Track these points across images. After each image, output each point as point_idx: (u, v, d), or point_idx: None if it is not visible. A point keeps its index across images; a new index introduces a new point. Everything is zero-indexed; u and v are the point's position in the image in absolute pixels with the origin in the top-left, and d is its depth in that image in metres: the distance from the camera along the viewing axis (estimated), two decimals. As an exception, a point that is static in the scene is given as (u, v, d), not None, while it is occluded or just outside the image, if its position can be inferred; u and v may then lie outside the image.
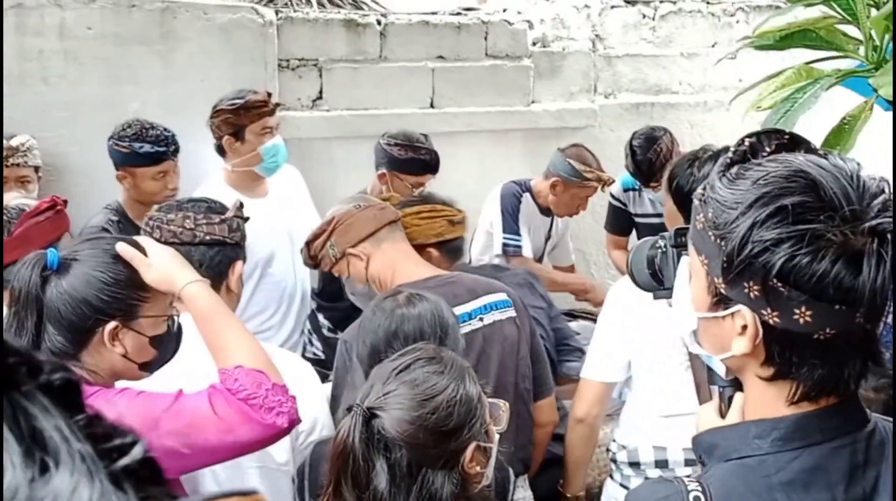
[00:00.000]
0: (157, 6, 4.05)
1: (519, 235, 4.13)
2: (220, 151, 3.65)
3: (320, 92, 4.52)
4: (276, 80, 4.31)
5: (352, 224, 2.57)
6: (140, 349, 1.83)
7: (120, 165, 3.53)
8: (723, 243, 1.12)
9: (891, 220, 1.08)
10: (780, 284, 1.08)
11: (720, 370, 1.28)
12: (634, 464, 2.51)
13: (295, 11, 4.58)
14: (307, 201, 3.98)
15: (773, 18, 2.81)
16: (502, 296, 2.53)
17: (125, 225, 3.54)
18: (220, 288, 2.24)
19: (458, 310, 2.36)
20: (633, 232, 4.50)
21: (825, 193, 1.08)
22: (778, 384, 1.17)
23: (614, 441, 2.62)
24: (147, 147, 3.47)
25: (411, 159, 3.80)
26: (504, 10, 5.24)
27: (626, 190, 4.43)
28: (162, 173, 3.52)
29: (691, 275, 1.24)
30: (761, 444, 1.17)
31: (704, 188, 1.18)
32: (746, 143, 1.18)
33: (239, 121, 3.56)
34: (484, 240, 4.23)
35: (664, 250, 1.52)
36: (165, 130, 3.56)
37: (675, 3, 5.40)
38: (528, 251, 4.17)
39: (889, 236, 1.07)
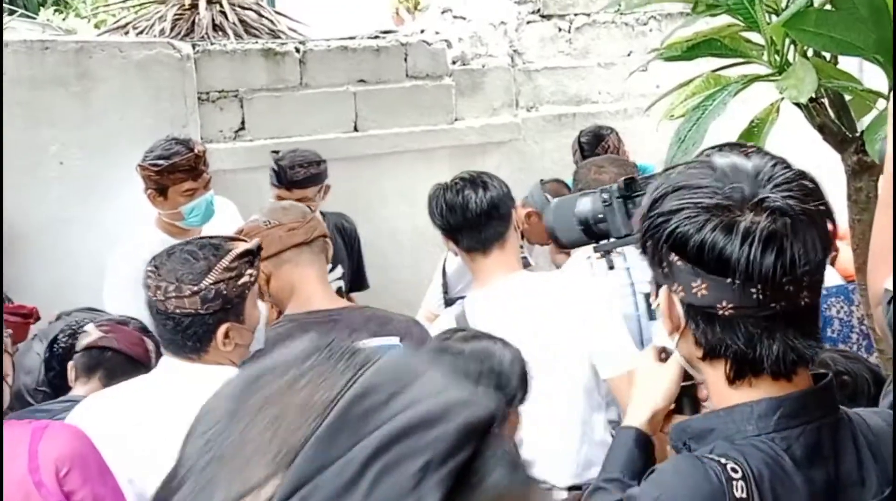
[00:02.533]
0: (70, 47, 4.01)
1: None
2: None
3: (242, 123, 4.50)
4: (197, 113, 4.29)
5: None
6: None
7: None
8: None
9: (784, 195, 1.14)
10: (675, 256, 1.15)
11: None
12: None
13: (212, 44, 4.57)
14: None
15: (680, 29, 2.89)
16: (392, 341, 2.36)
17: None
18: (206, 352, 2.04)
19: None
20: None
21: (723, 173, 1.16)
22: (714, 365, 1.22)
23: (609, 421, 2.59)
24: None
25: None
26: (422, 31, 5.29)
27: None
28: None
29: None
30: (767, 423, 1.19)
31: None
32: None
33: (162, 181, 3.50)
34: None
35: (608, 202, 1.60)
36: None
37: (588, 15, 5.50)
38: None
39: (779, 211, 1.13)
